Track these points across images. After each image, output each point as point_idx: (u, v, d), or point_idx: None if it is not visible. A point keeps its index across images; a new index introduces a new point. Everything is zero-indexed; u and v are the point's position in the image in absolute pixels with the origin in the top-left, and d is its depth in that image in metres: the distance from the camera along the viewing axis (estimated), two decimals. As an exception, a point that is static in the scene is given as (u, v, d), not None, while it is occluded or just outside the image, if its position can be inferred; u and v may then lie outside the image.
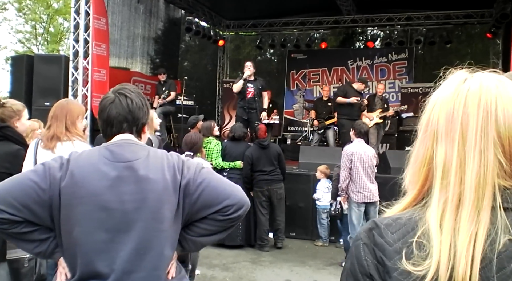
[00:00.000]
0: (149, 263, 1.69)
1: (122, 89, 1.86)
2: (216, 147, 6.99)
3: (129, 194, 1.68)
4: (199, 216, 1.77)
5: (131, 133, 1.84)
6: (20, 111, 3.57)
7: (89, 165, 1.71)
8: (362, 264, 0.92)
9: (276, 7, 13.27)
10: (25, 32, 24.54)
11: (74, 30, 8.80)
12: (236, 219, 1.78)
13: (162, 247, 1.72)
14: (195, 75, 15.68)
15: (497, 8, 11.46)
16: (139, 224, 1.67)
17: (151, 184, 1.70)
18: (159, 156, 1.79)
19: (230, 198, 1.75)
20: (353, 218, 6.03)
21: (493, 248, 0.81)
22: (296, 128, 14.13)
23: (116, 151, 1.75)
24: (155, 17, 12.67)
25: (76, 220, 1.66)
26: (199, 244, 1.88)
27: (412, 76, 13.62)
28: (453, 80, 0.93)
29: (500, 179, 0.85)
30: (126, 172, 1.70)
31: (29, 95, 8.88)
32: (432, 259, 0.83)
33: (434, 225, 0.86)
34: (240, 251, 6.89)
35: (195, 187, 1.73)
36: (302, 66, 14.55)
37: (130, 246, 1.66)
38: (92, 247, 1.66)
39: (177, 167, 1.76)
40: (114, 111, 1.81)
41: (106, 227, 1.66)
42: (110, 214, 1.66)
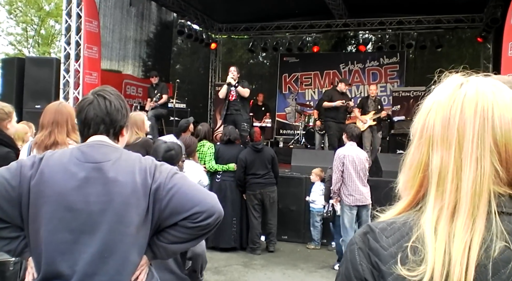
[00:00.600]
0: (112, 267, 1.66)
1: (101, 91, 1.84)
2: (209, 150, 6.98)
3: (95, 195, 1.66)
4: (169, 222, 1.72)
5: (108, 136, 1.82)
6: (11, 113, 3.55)
7: (59, 165, 1.70)
8: (357, 269, 0.91)
9: (268, 11, 13.30)
10: (16, 34, 24.41)
11: (66, 33, 8.77)
12: (206, 227, 1.71)
13: (127, 252, 1.68)
14: (187, 78, 15.65)
15: (487, 12, 11.57)
16: (104, 226, 1.65)
17: (119, 186, 1.67)
18: (132, 158, 1.77)
19: (199, 205, 1.69)
20: (345, 221, 6.05)
21: (488, 255, 0.81)
22: (288, 131, 14.16)
23: (87, 151, 1.73)
24: (147, 20, 12.65)
25: (42, 219, 1.65)
26: (170, 251, 1.82)
27: (403, 80, 13.71)
28: (449, 84, 0.92)
29: (495, 186, 0.85)
30: (94, 173, 1.68)
31: (20, 98, 8.82)
32: (427, 266, 0.82)
33: (429, 231, 0.85)
34: (232, 254, 6.87)
35: (165, 192, 1.69)
36: (294, 70, 14.59)
37: (94, 248, 1.64)
38: (55, 247, 1.64)
39: (149, 170, 1.72)
40: (92, 113, 1.79)
41: (70, 228, 1.64)
42: (75, 214, 1.65)
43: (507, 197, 0.85)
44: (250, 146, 7.16)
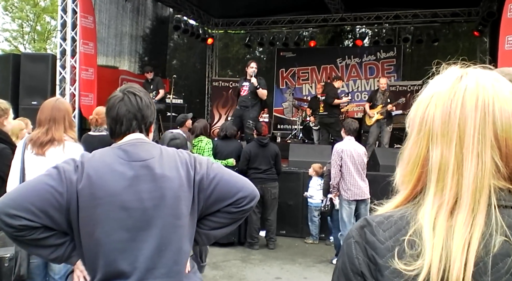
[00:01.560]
0: (169, 259, 1.72)
1: (130, 88, 1.89)
2: (207, 145, 6.98)
3: (147, 192, 1.70)
4: (213, 209, 1.82)
5: (141, 132, 1.86)
6: (8, 109, 3.55)
7: (105, 166, 1.72)
8: (353, 263, 0.91)
9: (264, 5, 13.27)
10: (12, 30, 24.30)
11: (61, 29, 8.73)
12: (248, 210, 1.85)
13: (181, 243, 1.76)
14: (183, 73, 15.62)
15: (483, 6, 11.57)
16: (159, 221, 1.70)
17: (168, 181, 1.73)
18: (171, 153, 1.83)
19: (243, 190, 1.82)
20: (344, 215, 6.06)
21: (487, 250, 0.81)
22: (285, 126, 14.16)
23: (131, 150, 1.77)
24: (143, 15, 12.60)
25: (96, 221, 1.66)
26: (212, 237, 1.91)
27: (400, 74, 13.71)
28: (448, 77, 0.91)
29: (495, 181, 0.84)
30: (142, 171, 1.72)
31: (16, 94, 8.79)
32: (425, 261, 0.82)
33: (428, 226, 0.85)
34: (230, 249, 6.89)
35: (208, 181, 1.79)
36: (291, 65, 14.57)
37: (151, 243, 1.69)
38: (114, 247, 1.67)
39: (190, 163, 1.80)
40: (124, 109, 1.82)
41: (126, 226, 1.68)
42: (130, 213, 1.68)
43: (506, 191, 0.85)
44: (255, 139, 7.14)
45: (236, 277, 5.78)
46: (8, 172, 3.22)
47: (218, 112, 14.46)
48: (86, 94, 8.47)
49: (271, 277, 5.84)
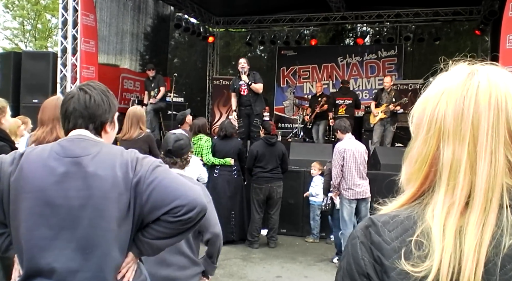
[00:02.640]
0: (94, 263, 1.64)
1: (84, 85, 1.83)
2: (206, 143, 6.98)
3: (75, 190, 1.63)
4: (152, 217, 1.69)
5: (87, 130, 1.79)
6: (5, 107, 3.53)
7: (39, 160, 1.68)
8: (359, 263, 0.89)
9: (265, 4, 13.25)
10: (13, 28, 24.30)
11: (62, 27, 8.73)
12: (187, 221, 1.67)
13: (109, 247, 1.65)
14: (184, 72, 15.60)
15: (485, 5, 11.54)
16: (84, 222, 1.62)
17: (99, 180, 1.64)
18: (113, 152, 1.74)
19: (180, 198, 1.66)
20: (345, 214, 6.05)
21: (498, 251, 0.79)
22: (286, 125, 14.15)
23: (67, 146, 1.72)
24: (144, 13, 12.59)
25: (22, 215, 1.63)
26: (155, 247, 1.78)
27: (401, 73, 13.69)
28: (458, 74, 0.89)
29: (508, 179, 0.83)
30: (73, 168, 1.66)
31: (17, 92, 8.80)
32: (434, 262, 0.81)
33: (437, 226, 0.83)
34: (230, 248, 6.89)
35: (145, 186, 1.66)
36: (292, 63, 14.55)
37: (75, 244, 1.62)
38: (35, 243, 1.62)
39: (131, 164, 1.69)
40: (72, 107, 1.78)
41: (50, 224, 1.62)
42: (54, 210, 1.62)
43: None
44: (263, 138, 7.14)
45: (236, 276, 5.78)
46: None
47: (219, 110, 14.44)
48: (87, 93, 8.47)
49: (271, 275, 5.84)
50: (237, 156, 7.15)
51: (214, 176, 6.99)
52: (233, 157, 7.07)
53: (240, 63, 8.30)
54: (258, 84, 8.12)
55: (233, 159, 7.07)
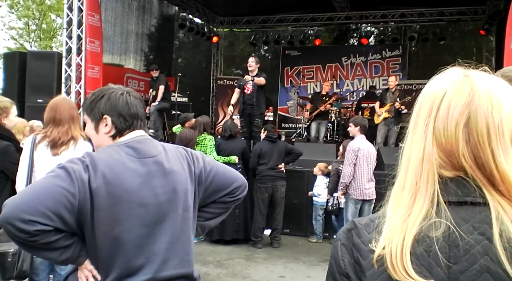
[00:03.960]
0: (181, 249, 1.80)
1: (127, 89, 1.95)
2: (210, 142, 7.00)
3: (160, 187, 1.76)
4: (209, 200, 1.94)
5: (142, 129, 1.92)
6: (8, 108, 3.53)
7: (117, 164, 1.72)
8: (339, 264, 0.93)
9: (270, 4, 13.26)
10: (18, 28, 24.38)
11: (67, 27, 8.76)
12: (240, 199, 2.00)
13: (190, 234, 1.85)
14: (189, 72, 15.64)
15: (490, 5, 11.50)
16: (172, 214, 1.77)
17: (177, 175, 1.80)
18: (172, 149, 1.91)
19: (237, 180, 1.97)
20: (349, 214, 6.05)
21: (428, 232, 0.83)
22: (290, 125, 14.15)
23: (140, 147, 1.80)
24: (149, 13, 12.62)
25: (116, 219, 1.66)
26: (206, 228, 2.02)
27: (406, 73, 13.66)
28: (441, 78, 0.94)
29: (441, 168, 0.86)
30: (154, 167, 1.77)
31: (21, 92, 8.84)
32: (384, 238, 0.86)
33: (390, 205, 0.90)
34: (234, 248, 6.90)
35: (206, 174, 1.90)
36: (296, 63, 14.55)
37: (167, 236, 1.75)
38: (134, 243, 1.69)
39: (189, 158, 1.90)
40: (127, 106, 1.86)
41: (144, 222, 1.71)
42: (147, 209, 1.72)
43: (453, 180, 0.86)
44: (265, 137, 7.17)
45: (240, 275, 5.78)
46: (13, 169, 3.22)
47: (223, 110, 14.45)
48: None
49: (275, 275, 5.85)
50: (242, 155, 7.16)
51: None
52: (237, 155, 7.07)
53: (248, 62, 8.30)
54: (260, 78, 8.10)
55: (238, 158, 7.08)
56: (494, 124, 0.83)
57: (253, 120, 8.16)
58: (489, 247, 0.80)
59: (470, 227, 0.82)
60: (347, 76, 14.08)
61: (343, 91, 13.33)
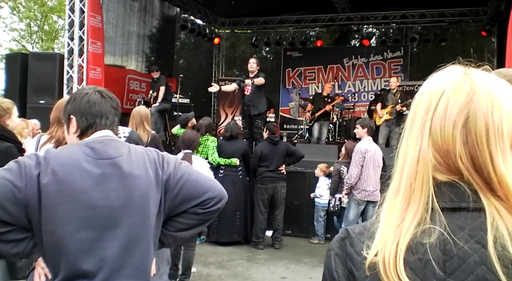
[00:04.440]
0: (137, 258, 1.69)
1: (99, 89, 1.89)
2: (212, 143, 7.00)
3: (115, 190, 1.67)
4: (179, 210, 1.78)
5: (112, 130, 1.84)
6: (10, 109, 3.54)
7: (71, 163, 1.67)
8: (332, 275, 0.91)
9: (271, 5, 13.25)
10: (20, 30, 24.42)
11: (69, 28, 8.78)
12: (215, 211, 1.80)
13: (149, 242, 1.73)
14: (190, 73, 15.64)
15: (491, 6, 11.50)
16: (127, 220, 1.67)
17: (136, 180, 1.70)
18: (140, 152, 1.79)
19: (210, 190, 1.78)
20: (350, 214, 6.04)
21: (423, 237, 0.81)
22: (292, 126, 14.14)
23: (99, 148, 1.73)
24: (150, 14, 12.63)
25: (60, 219, 1.62)
26: (178, 239, 1.89)
27: (407, 74, 13.65)
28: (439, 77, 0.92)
29: (436, 172, 0.84)
30: (110, 169, 1.69)
31: (23, 93, 8.86)
32: (376, 245, 0.84)
33: (383, 210, 0.88)
34: (235, 249, 6.90)
35: (175, 181, 1.75)
36: (297, 64, 14.54)
37: (118, 243, 1.66)
38: (78, 246, 1.63)
39: (158, 162, 1.77)
40: (96, 106, 1.81)
41: (93, 225, 1.64)
42: (96, 211, 1.64)
43: (447, 184, 0.84)
44: (267, 138, 7.16)
45: (241, 277, 5.78)
46: None
47: (224, 111, 14.45)
48: (93, 94, 8.51)
49: (276, 276, 5.85)
50: (242, 157, 7.17)
51: (219, 176, 6.99)
52: (238, 158, 7.08)
53: (249, 62, 8.28)
54: (259, 78, 8.09)
55: (239, 160, 7.08)
56: (493, 125, 0.80)
57: (253, 122, 8.15)
58: (486, 256, 0.76)
59: (466, 235, 0.79)
60: (349, 77, 14.07)
61: (344, 93, 13.30)
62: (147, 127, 5.14)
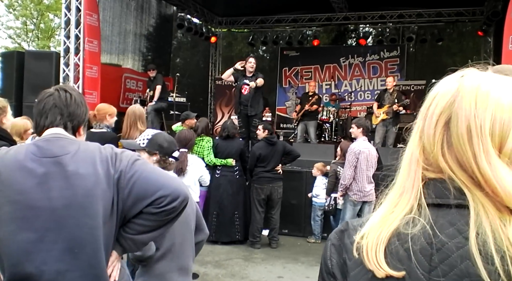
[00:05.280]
0: (84, 261, 1.62)
1: (64, 86, 1.85)
2: (207, 144, 6.98)
3: (57, 190, 1.61)
4: (134, 211, 1.68)
5: (65, 129, 1.77)
6: (5, 107, 3.52)
7: (15, 162, 1.64)
8: (326, 263, 0.95)
9: (268, 4, 13.26)
10: (16, 28, 24.35)
11: (65, 27, 8.74)
12: (171, 211, 1.68)
13: (98, 245, 1.64)
14: (187, 72, 15.62)
15: (488, 6, 11.53)
16: (70, 221, 1.60)
17: (81, 179, 1.63)
18: (91, 149, 1.71)
19: (162, 188, 1.67)
20: (347, 215, 6.04)
21: (406, 227, 0.83)
22: (288, 125, 14.14)
23: (44, 146, 1.68)
24: (147, 13, 12.61)
25: (2, 220, 1.60)
26: (138, 243, 1.77)
27: (404, 74, 13.68)
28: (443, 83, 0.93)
29: (425, 170, 0.87)
30: (53, 168, 1.63)
31: (19, 92, 8.82)
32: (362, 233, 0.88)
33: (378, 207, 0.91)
34: (232, 248, 6.89)
35: (126, 180, 1.66)
36: (294, 64, 14.56)
37: (62, 244, 1.60)
38: (19, 248, 1.59)
39: (110, 160, 1.69)
40: (51, 103, 1.75)
41: (34, 227, 1.59)
42: (37, 212, 1.59)
43: (434, 182, 0.86)
44: (264, 139, 7.15)
45: (238, 276, 5.78)
46: None
47: (221, 111, 14.46)
48: (90, 92, 8.49)
49: (273, 276, 5.84)
50: (239, 157, 7.16)
51: (216, 176, 6.99)
52: (235, 157, 7.07)
53: (250, 62, 8.25)
54: (260, 80, 8.08)
55: (235, 159, 7.07)
56: (476, 125, 0.81)
57: (251, 121, 8.15)
58: (469, 251, 0.78)
59: (453, 230, 0.81)
60: (345, 76, 14.09)
61: (341, 92, 13.35)
62: (140, 126, 5.08)
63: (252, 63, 8.19)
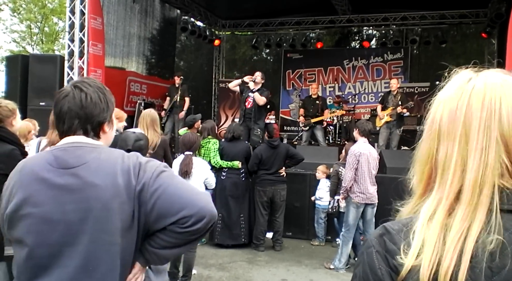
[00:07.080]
0: (98, 280, 1.53)
1: (79, 83, 1.67)
2: (213, 146, 6.99)
3: (72, 203, 1.52)
4: (158, 226, 1.58)
5: (86, 133, 1.65)
6: (15, 109, 3.57)
7: (32, 174, 1.58)
8: (376, 273, 0.90)
9: (271, 7, 13.28)
10: (20, 32, 24.46)
11: (69, 30, 8.77)
12: (196, 231, 1.56)
13: (115, 261, 1.54)
14: (191, 75, 15.63)
15: (491, 8, 11.50)
16: (85, 237, 1.51)
17: (98, 191, 1.52)
18: (113, 158, 1.60)
19: (187, 208, 1.54)
20: (350, 218, 6.03)
21: (484, 247, 0.81)
22: (292, 128, 14.14)
23: (60, 156, 1.59)
24: (151, 16, 12.64)
25: (20, 235, 1.55)
26: (162, 257, 1.67)
27: (407, 76, 13.65)
28: (458, 79, 0.93)
29: (501, 179, 0.85)
30: (70, 180, 1.54)
31: (24, 95, 8.86)
32: (415, 255, 0.84)
33: (421, 221, 0.87)
34: (236, 251, 6.89)
35: (150, 194, 1.54)
36: (298, 66, 14.56)
37: (77, 261, 1.51)
38: (34, 263, 1.53)
39: (133, 170, 1.56)
40: (66, 106, 1.62)
41: (49, 241, 1.52)
42: (52, 226, 1.52)
43: (511, 191, 0.85)
44: (266, 142, 7.16)
45: (242, 278, 5.78)
46: None
47: (224, 113, 14.46)
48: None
49: (277, 278, 5.84)
50: (245, 159, 7.15)
51: (222, 178, 6.99)
52: (240, 160, 7.07)
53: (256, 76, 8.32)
54: (261, 98, 8.15)
55: (241, 162, 7.07)
56: None
57: (252, 130, 8.17)
58: None
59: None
60: (349, 79, 14.08)
61: (345, 94, 13.33)
62: (158, 130, 5.22)
63: (258, 78, 8.26)
